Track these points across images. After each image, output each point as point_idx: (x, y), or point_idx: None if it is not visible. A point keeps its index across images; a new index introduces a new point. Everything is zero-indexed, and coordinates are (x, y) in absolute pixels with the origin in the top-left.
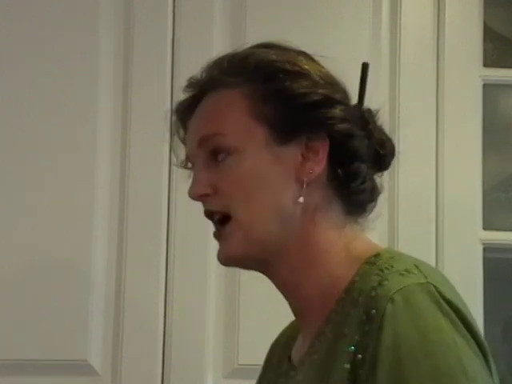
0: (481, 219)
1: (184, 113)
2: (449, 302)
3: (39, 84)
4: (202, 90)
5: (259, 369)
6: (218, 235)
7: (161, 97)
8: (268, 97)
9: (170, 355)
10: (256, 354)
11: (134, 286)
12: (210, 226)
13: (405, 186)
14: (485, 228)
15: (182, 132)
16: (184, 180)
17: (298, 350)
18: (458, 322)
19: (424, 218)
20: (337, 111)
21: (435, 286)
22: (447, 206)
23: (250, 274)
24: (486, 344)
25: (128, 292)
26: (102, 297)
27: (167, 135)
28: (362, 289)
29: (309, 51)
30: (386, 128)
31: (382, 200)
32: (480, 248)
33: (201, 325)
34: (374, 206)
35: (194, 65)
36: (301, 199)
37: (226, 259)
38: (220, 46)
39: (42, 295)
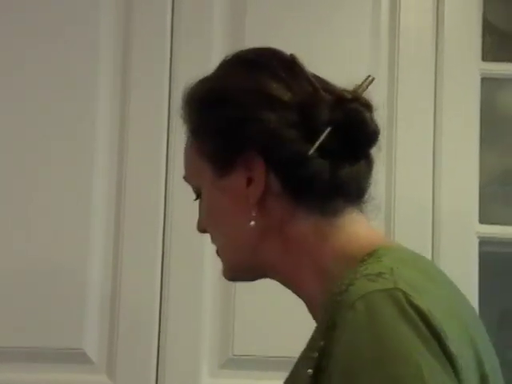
0: (477, 213)
1: None
2: (416, 308)
3: (36, 85)
4: None
5: (254, 359)
6: None
7: (159, 98)
8: (200, 132)
9: (165, 345)
10: (251, 344)
11: (130, 274)
12: None
13: (401, 178)
14: (481, 221)
15: None
16: (181, 183)
17: None
18: (423, 329)
19: (420, 210)
20: (256, 127)
21: (404, 292)
22: (444, 199)
23: None
24: (455, 352)
25: (124, 281)
26: (98, 286)
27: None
28: (333, 292)
29: (307, 42)
30: (384, 120)
31: (378, 193)
32: (476, 241)
33: (196, 314)
34: (363, 196)
35: (192, 67)
36: (252, 223)
37: (225, 278)
38: (219, 48)
39: (38, 283)
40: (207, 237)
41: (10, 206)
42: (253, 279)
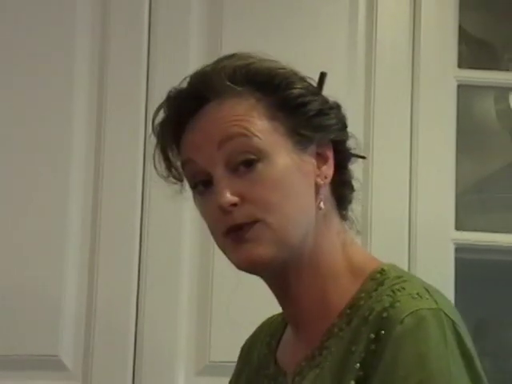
0: (453, 220)
1: (176, 121)
2: (455, 332)
3: (10, 93)
4: (202, 98)
5: (231, 366)
6: (241, 238)
7: (135, 106)
8: (281, 105)
9: (141, 351)
10: (228, 351)
11: (107, 282)
12: (183, 228)
13: (378, 185)
14: (457, 228)
15: (169, 142)
16: (157, 195)
17: (287, 355)
18: (457, 352)
19: (397, 217)
20: (334, 117)
21: (445, 313)
22: (420, 206)
23: (223, 270)
24: (483, 376)
25: (100, 288)
26: (74, 292)
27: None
28: (374, 308)
29: (284, 46)
30: (361, 128)
31: (355, 199)
32: (452, 248)
33: (173, 321)
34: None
35: (169, 71)
36: (321, 204)
37: (253, 262)
38: (196, 51)
39: (13, 290)
40: (183, 249)
41: None
42: (272, 270)
